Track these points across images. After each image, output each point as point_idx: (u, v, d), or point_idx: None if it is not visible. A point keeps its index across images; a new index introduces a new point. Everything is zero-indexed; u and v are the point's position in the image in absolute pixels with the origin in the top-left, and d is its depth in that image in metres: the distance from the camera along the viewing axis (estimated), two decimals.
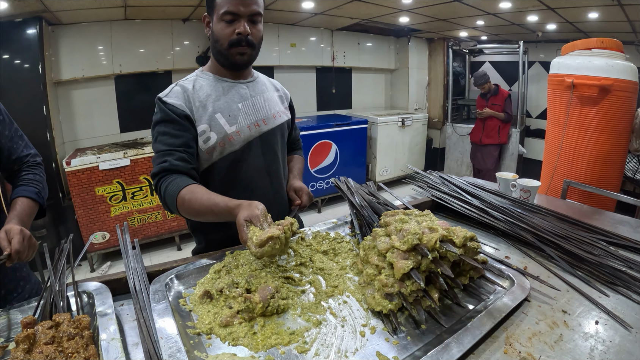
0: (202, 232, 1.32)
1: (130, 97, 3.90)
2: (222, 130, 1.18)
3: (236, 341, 0.74)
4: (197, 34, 4.13)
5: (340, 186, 1.48)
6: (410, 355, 0.71)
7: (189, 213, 1.06)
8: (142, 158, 3.36)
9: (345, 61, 5.49)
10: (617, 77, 1.95)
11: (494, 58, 6.28)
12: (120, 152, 3.27)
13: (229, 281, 0.88)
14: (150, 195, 3.48)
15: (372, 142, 5.31)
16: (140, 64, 3.85)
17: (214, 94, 1.20)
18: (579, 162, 2.11)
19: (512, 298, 0.87)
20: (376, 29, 5.41)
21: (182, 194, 1.04)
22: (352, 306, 0.87)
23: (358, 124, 5.01)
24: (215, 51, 1.20)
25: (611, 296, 0.94)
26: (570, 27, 4.23)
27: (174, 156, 1.10)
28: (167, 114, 1.13)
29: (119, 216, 3.36)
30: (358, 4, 3.82)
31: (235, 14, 1.11)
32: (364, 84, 5.95)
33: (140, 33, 3.77)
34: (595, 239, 1.20)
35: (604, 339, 0.78)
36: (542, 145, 5.40)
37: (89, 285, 0.89)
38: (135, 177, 3.37)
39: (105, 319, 0.77)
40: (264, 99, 1.29)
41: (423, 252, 0.83)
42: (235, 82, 1.25)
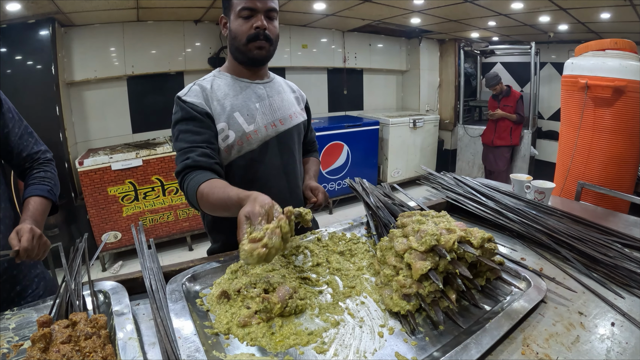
0: (218, 232, 1.33)
1: (142, 98, 3.94)
2: (240, 128, 1.19)
3: (254, 341, 0.74)
4: (209, 35, 4.16)
5: (356, 187, 1.48)
6: (429, 356, 0.71)
7: (207, 207, 1.05)
8: (154, 158, 3.38)
9: (357, 62, 5.49)
10: (631, 78, 1.93)
11: (505, 59, 6.24)
12: (132, 152, 3.30)
13: (247, 281, 0.89)
14: (162, 195, 3.51)
15: (383, 144, 5.30)
16: (153, 65, 3.88)
17: (231, 93, 1.21)
18: (593, 164, 2.09)
19: (529, 299, 0.86)
20: (387, 30, 5.40)
21: (201, 189, 1.04)
22: (370, 307, 0.87)
23: (370, 125, 5.00)
24: (234, 48, 1.21)
25: (627, 298, 0.94)
26: (582, 28, 4.19)
27: (196, 152, 1.10)
28: (188, 111, 1.15)
29: (130, 216, 3.39)
30: (370, 5, 3.82)
31: (252, 9, 1.13)
32: (375, 85, 5.95)
33: (152, 34, 3.81)
34: (610, 241, 1.19)
35: (620, 341, 0.77)
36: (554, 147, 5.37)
37: (105, 285, 0.90)
38: (148, 178, 3.39)
39: (122, 319, 0.77)
40: (281, 100, 1.31)
41: (441, 253, 0.82)
42: (253, 82, 1.27)
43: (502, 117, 4.74)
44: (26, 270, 1.15)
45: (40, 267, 1.23)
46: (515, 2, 3.49)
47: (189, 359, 0.66)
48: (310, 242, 1.15)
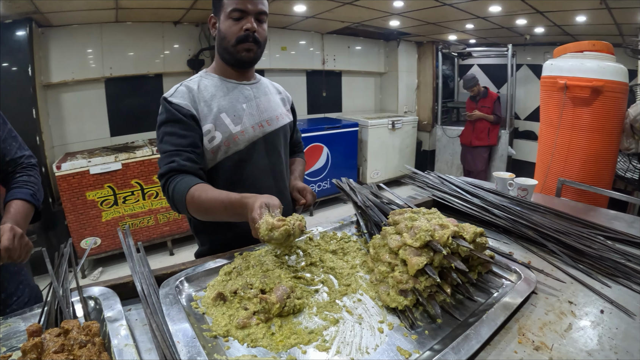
0: (206, 233, 1.32)
1: (120, 101, 3.86)
2: (227, 129, 1.19)
3: (255, 342, 0.73)
4: (189, 37, 4.11)
5: (343, 187, 1.49)
6: (431, 349, 0.72)
7: (198, 211, 1.06)
8: (133, 162, 3.32)
9: (336, 64, 5.52)
10: (609, 78, 2.01)
11: (482, 61, 6.40)
12: (111, 156, 3.23)
13: (243, 282, 0.88)
14: (142, 199, 3.44)
15: (362, 145, 5.35)
16: (131, 67, 3.81)
17: (218, 94, 1.21)
18: (572, 161, 2.16)
19: (520, 291, 0.89)
20: (366, 33, 5.47)
21: (191, 192, 1.04)
22: (367, 304, 0.87)
23: (349, 127, 5.06)
24: (222, 49, 1.21)
25: (613, 287, 0.98)
26: (558, 30, 4.34)
27: (181, 156, 1.10)
28: (173, 113, 1.13)
29: (110, 221, 3.31)
30: (350, 8, 3.85)
31: (243, 11, 1.14)
32: (354, 87, 6.00)
33: (131, 36, 3.73)
34: (593, 234, 1.24)
35: (610, 327, 0.81)
36: (530, 147, 5.58)
37: (94, 290, 0.88)
38: (127, 182, 3.33)
39: (115, 325, 0.75)
40: (268, 101, 1.32)
41: (437, 248, 0.84)
42: (240, 83, 1.27)
43: (480, 118, 4.86)
44: (10, 277, 1.10)
45: (25, 273, 1.18)
46: (493, 5, 3.58)
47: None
48: (302, 242, 1.15)
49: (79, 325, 0.72)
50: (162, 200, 3.54)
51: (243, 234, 1.19)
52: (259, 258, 1.00)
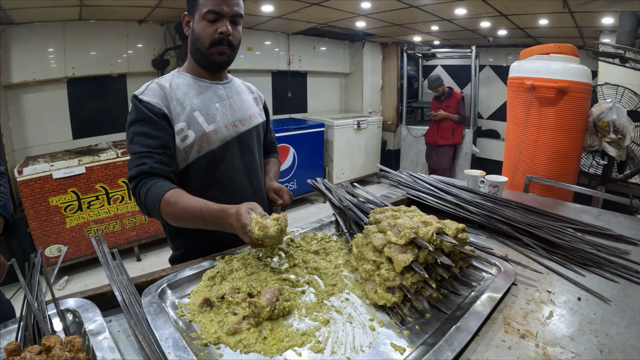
0: (181, 238, 1.28)
1: (83, 102, 3.69)
2: (200, 128, 1.16)
3: (248, 348, 0.71)
4: (154, 37, 3.98)
5: (320, 187, 1.49)
6: (424, 343, 0.73)
7: (173, 216, 1.04)
8: (97, 165, 3.19)
9: (301, 65, 5.52)
10: (573, 79, 2.13)
11: (445, 62, 6.60)
12: (74, 159, 3.08)
13: (230, 287, 0.86)
14: (107, 204, 3.31)
15: (328, 145, 5.38)
16: (94, 67, 3.64)
17: (191, 93, 1.18)
18: (539, 159, 2.28)
19: (502, 283, 0.93)
20: (332, 34, 5.50)
21: (166, 197, 1.02)
22: (355, 302, 0.88)
23: (315, 127, 5.09)
24: (195, 50, 1.19)
25: (587, 275, 1.04)
26: (521, 33, 4.54)
27: (152, 159, 1.07)
28: (144, 112, 1.10)
29: (74, 227, 3.15)
30: (317, 8, 3.85)
31: (218, 13, 1.11)
32: (319, 88, 6.02)
33: (95, 34, 3.57)
34: (564, 227, 1.31)
35: (587, 313, 0.86)
36: (493, 145, 5.81)
37: (71, 302, 0.82)
38: (91, 186, 3.19)
39: (99, 339, 0.71)
40: (241, 100, 1.30)
41: (422, 244, 0.85)
42: (213, 82, 1.25)
43: (445, 117, 5.00)
44: None
45: None
46: (459, 8, 3.69)
47: None
48: (283, 244, 1.14)
49: (60, 341, 0.67)
50: (127, 205, 3.43)
51: (219, 238, 1.18)
52: (243, 261, 0.98)
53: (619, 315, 0.85)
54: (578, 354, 0.72)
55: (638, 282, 1.00)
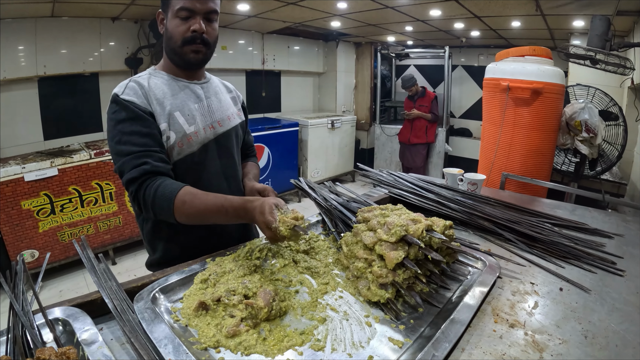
0: (159, 240, 1.24)
1: (54, 102, 3.55)
2: (181, 129, 1.13)
3: (249, 350, 0.71)
4: (127, 34, 3.87)
5: (303, 187, 1.48)
6: (420, 336, 0.76)
7: (189, 215, 1.01)
8: (70, 167, 3.07)
9: (275, 64, 5.51)
10: (548, 80, 2.24)
11: (418, 62, 6.75)
12: (46, 161, 2.96)
13: (225, 289, 0.85)
14: (80, 207, 3.20)
15: (303, 145, 5.41)
16: (66, 65, 3.50)
17: (170, 93, 1.14)
18: (514, 157, 2.38)
19: (488, 276, 0.97)
20: (306, 33, 5.52)
21: (180, 196, 0.99)
22: (349, 300, 0.90)
23: (289, 126, 5.10)
24: (169, 49, 1.15)
25: (566, 267, 1.10)
26: (493, 34, 4.69)
27: (153, 157, 1.03)
28: (132, 110, 1.05)
29: (47, 232, 3.04)
30: (293, 8, 3.84)
31: (191, 10, 1.08)
32: (293, 87, 6.04)
33: (67, 32, 3.44)
34: (541, 222, 1.37)
35: (570, 302, 0.92)
36: (465, 143, 5.98)
37: (58, 311, 0.79)
38: (64, 188, 3.08)
39: (94, 348, 0.69)
40: (219, 101, 1.27)
41: (413, 241, 0.88)
42: (190, 82, 1.21)
43: (418, 116, 5.12)
44: None
45: None
46: (433, 9, 3.78)
47: None
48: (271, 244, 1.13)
49: (56, 353, 0.64)
50: (101, 207, 3.34)
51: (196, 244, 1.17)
52: (234, 263, 0.98)
53: (599, 303, 0.91)
54: (565, 340, 0.77)
55: (614, 272, 1.07)
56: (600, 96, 2.61)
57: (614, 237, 1.32)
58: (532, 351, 0.73)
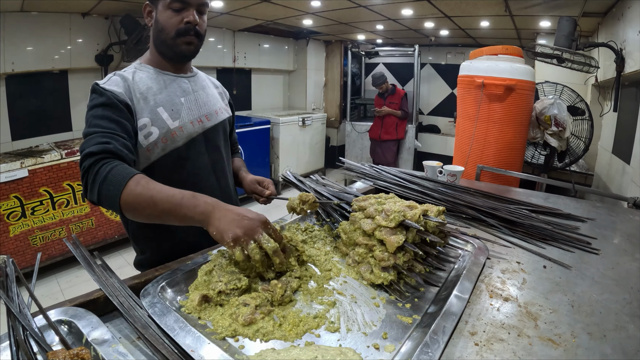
0: (146, 239, 1.22)
1: (23, 100, 3.40)
2: (164, 125, 1.12)
3: (268, 336, 0.73)
4: (97, 31, 3.74)
5: (292, 180, 1.51)
6: (426, 313, 0.81)
7: (137, 205, 0.89)
8: (41, 168, 2.94)
9: (246, 62, 5.53)
10: (520, 78, 2.39)
11: (387, 60, 6.90)
12: (16, 162, 2.82)
13: (229, 277, 0.86)
14: (52, 209, 3.07)
15: (274, 142, 5.44)
16: (35, 62, 3.35)
17: (154, 87, 1.13)
18: (488, 150, 2.51)
19: (479, 257, 1.03)
20: (276, 31, 5.55)
21: (135, 180, 0.90)
22: (353, 284, 0.93)
23: (261, 124, 5.13)
24: (159, 42, 1.14)
25: (547, 248, 1.19)
26: (462, 34, 4.87)
27: (118, 141, 0.97)
28: (108, 97, 1.03)
29: (18, 236, 2.90)
30: (266, 5, 3.86)
31: (184, 1, 1.09)
32: (263, 85, 6.06)
33: (35, 27, 3.28)
34: (519, 209, 1.46)
35: (554, 277, 1.00)
36: (434, 140, 6.19)
37: (60, 312, 0.77)
38: (35, 190, 2.95)
39: (107, 347, 0.67)
40: (206, 95, 1.27)
41: (412, 225, 0.92)
42: (177, 76, 1.20)
43: (388, 113, 5.25)
44: None
45: None
46: (405, 8, 3.88)
47: None
48: None
49: (70, 355, 0.61)
50: (74, 209, 3.22)
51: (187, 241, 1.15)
52: None
53: (580, 278, 1.00)
54: (554, 310, 0.84)
55: (590, 251, 1.17)
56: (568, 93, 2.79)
57: (586, 220, 1.43)
58: (527, 320, 0.80)
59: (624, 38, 2.71)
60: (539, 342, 0.73)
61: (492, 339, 0.74)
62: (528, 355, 0.70)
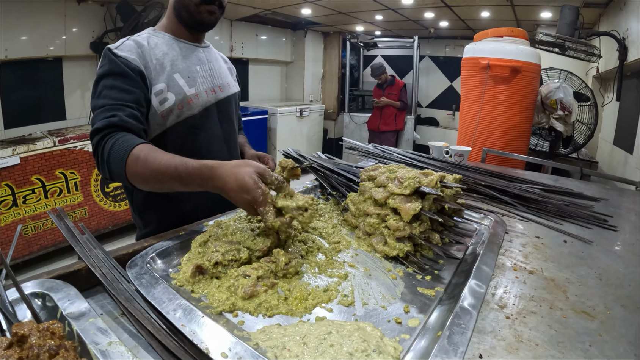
0: (154, 211, 1.16)
1: (16, 88, 3.26)
2: (181, 91, 1.07)
3: (271, 311, 0.64)
4: (92, 18, 3.61)
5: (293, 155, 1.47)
6: (450, 285, 0.72)
7: (141, 174, 0.85)
8: (33, 155, 2.83)
9: (244, 52, 5.41)
10: (525, 60, 2.32)
11: (386, 52, 6.80)
12: (7, 149, 2.70)
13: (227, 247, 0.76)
14: (44, 198, 2.95)
15: (271, 133, 5.36)
16: (29, 49, 3.22)
17: (171, 53, 1.09)
18: (493, 133, 2.44)
19: (498, 230, 0.96)
20: (274, 21, 5.45)
21: (136, 151, 0.85)
22: (365, 257, 0.85)
23: (258, 114, 5.05)
24: (181, 7, 1.09)
25: (564, 224, 1.12)
26: (461, 25, 4.79)
27: (124, 112, 0.93)
28: (119, 65, 0.97)
29: (10, 225, 2.78)
30: None
31: None
32: (261, 76, 5.94)
33: (30, 14, 3.16)
34: (530, 188, 1.39)
35: (576, 252, 0.94)
36: (432, 132, 6.12)
37: (36, 285, 0.68)
38: (27, 178, 2.83)
39: (84, 322, 0.58)
40: (219, 66, 1.25)
41: (430, 191, 0.84)
42: (193, 45, 1.16)
43: (387, 104, 5.17)
44: None
45: None
46: None
47: None
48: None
49: (37, 328, 0.53)
50: (66, 198, 3.10)
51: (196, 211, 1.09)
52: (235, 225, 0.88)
53: (603, 252, 0.94)
54: (583, 282, 0.78)
55: (609, 228, 1.11)
56: (572, 79, 2.73)
57: (599, 200, 1.37)
58: (557, 292, 0.74)
59: (627, 27, 2.68)
60: (573, 315, 0.67)
61: (524, 311, 0.67)
62: (564, 328, 0.63)
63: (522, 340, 0.59)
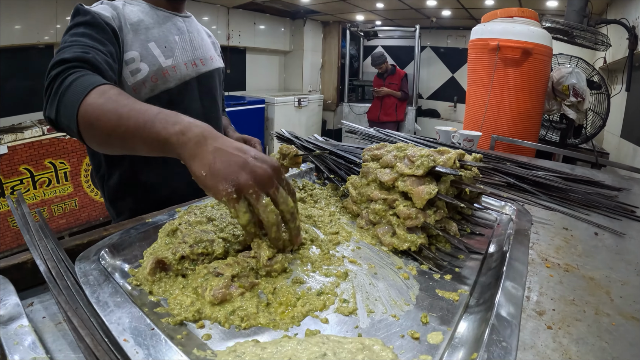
0: (127, 199, 1.05)
1: (6, 76, 3.15)
2: (155, 61, 0.96)
3: (248, 321, 0.49)
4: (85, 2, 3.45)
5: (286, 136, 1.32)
6: (476, 286, 0.58)
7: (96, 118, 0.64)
8: (21, 145, 2.74)
9: (241, 41, 5.28)
10: (537, 42, 2.18)
11: (386, 42, 6.68)
12: None
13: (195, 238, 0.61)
14: (32, 188, 2.85)
15: (269, 123, 5.26)
16: (19, 36, 3.12)
17: (147, 20, 0.98)
18: (502, 119, 2.30)
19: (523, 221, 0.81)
20: (272, 10, 5.32)
21: (102, 89, 0.66)
22: (369, 251, 0.70)
23: (255, 103, 4.96)
24: None
25: (591, 214, 1.01)
26: (464, 14, 4.63)
27: (99, 55, 0.79)
28: (94, 17, 0.86)
29: None
30: None
31: None
32: (259, 66, 5.82)
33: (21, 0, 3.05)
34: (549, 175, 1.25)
35: (609, 245, 0.84)
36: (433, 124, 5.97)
37: None
38: (15, 168, 2.74)
39: (11, 328, 0.45)
40: (201, 39, 1.14)
41: (448, 171, 0.69)
42: (172, 13, 1.06)
43: (388, 94, 5.05)
44: None
45: None
46: None
47: None
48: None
49: None
50: (56, 189, 3.00)
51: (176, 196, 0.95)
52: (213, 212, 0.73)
53: (637, 246, 0.84)
54: (625, 281, 0.68)
55: (636, 219, 1.00)
56: (583, 65, 2.60)
57: (622, 190, 1.24)
58: (599, 293, 0.62)
59: (637, 15, 2.58)
60: (623, 321, 0.55)
61: (567, 319, 0.54)
62: (615, 338, 0.51)
63: (571, 357, 0.46)
